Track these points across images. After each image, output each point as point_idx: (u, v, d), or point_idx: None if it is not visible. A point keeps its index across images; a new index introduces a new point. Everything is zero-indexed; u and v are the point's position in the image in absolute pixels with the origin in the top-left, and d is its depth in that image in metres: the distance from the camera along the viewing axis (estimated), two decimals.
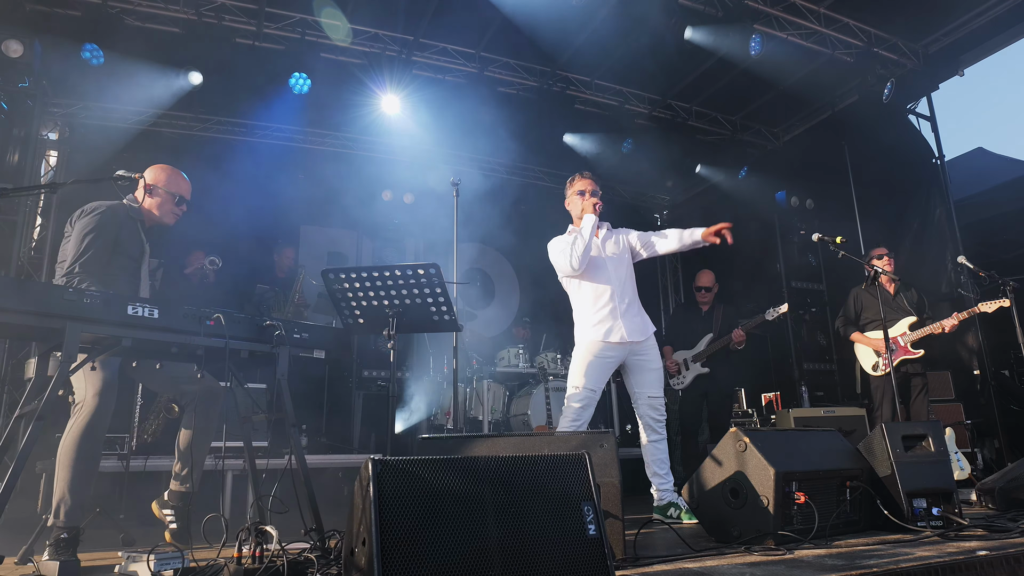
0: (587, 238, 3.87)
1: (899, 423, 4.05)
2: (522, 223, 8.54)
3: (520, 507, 1.94)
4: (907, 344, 5.20)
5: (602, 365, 3.86)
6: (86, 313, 2.47)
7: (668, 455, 3.98)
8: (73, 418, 2.92)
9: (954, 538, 2.80)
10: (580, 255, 3.85)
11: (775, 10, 6.29)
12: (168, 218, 3.38)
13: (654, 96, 7.84)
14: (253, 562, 2.22)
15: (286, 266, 7.07)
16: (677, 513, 3.83)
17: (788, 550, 2.64)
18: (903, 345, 5.21)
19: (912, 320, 5.25)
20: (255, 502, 3.05)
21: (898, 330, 5.27)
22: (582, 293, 3.97)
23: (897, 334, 5.24)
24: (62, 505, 2.84)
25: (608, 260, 3.99)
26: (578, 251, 3.85)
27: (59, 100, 7.07)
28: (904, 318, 5.29)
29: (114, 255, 3.16)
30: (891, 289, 5.42)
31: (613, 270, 3.98)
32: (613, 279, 3.95)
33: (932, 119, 7.13)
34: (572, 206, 4.13)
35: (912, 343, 5.19)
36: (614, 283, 3.94)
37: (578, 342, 3.95)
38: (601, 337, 3.85)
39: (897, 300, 5.39)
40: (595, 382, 3.83)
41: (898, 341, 5.23)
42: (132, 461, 4.90)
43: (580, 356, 3.89)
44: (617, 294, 3.92)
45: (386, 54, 6.64)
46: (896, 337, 5.23)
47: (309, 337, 3.10)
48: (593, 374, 3.82)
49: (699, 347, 5.77)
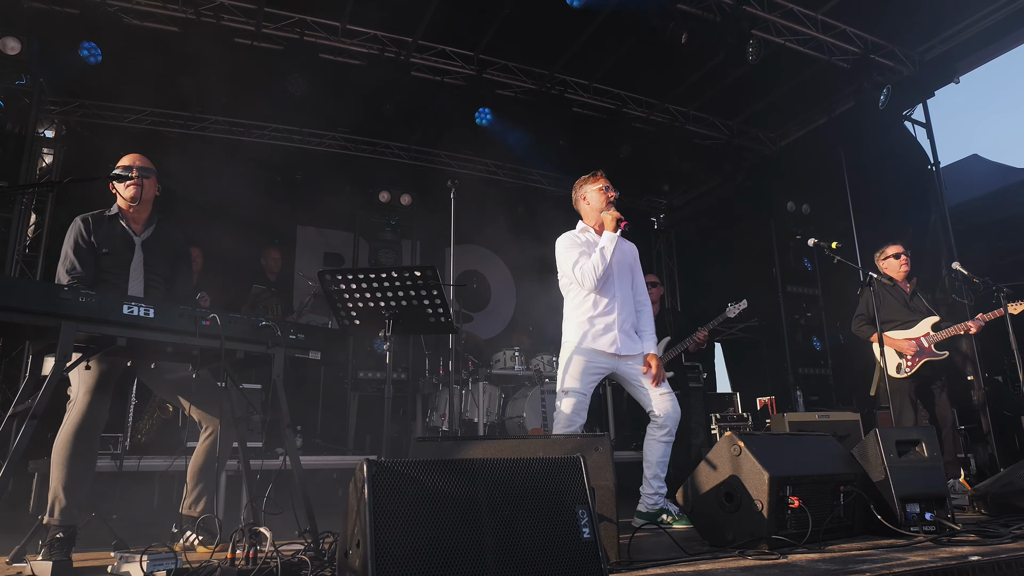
0: (608, 259, 3.73)
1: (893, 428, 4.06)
2: (519, 225, 8.55)
3: (515, 510, 1.94)
4: (931, 345, 5.01)
5: (592, 371, 3.78)
6: (81, 312, 2.46)
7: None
8: (66, 416, 2.91)
9: (947, 543, 2.81)
10: (599, 276, 3.72)
11: (773, 16, 6.32)
12: (127, 192, 3.27)
13: (652, 100, 7.86)
14: (247, 563, 2.22)
15: (275, 268, 7.04)
16: (669, 520, 3.75)
17: (782, 554, 2.65)
18: (927, 346, 5.01)
19: (934, 320, 5.06)
20: (249, 503, 3.05)
21: (921, 331, 5.07)
22: (583, 299, 3.85)
23: (920, 335, 5.06)
24: (56, 504, 2.83)
25: (614, 274, 3.88)
26: (598, 271, 3.71)
27: (56, 98, 7.06)
28: (926, 318, 5.10)
29: (98, 260, 3.16)
30: (907, 288, 5.25)
31: (618, 282, 3.89)
32: (616, 291, 3.86)
33: (928, 126, 7.16)
34: (590, 202, 3.97)
35: (936, 344, 5.01)
36: (617, 295, 3.85)
37: (568, 346, 3.83)
38: (595, 344, 3.75)
39: (915, 301, 5.20)
40: (585, 387, 3.75)
41: (922, 342, 5.03)
42: (125, 461, 4.89)
43: (572, 361, 3.78)
44: (618, 306, 3.83)
45: (385, 55, 6.64)
46: (920, 338, 5.04)
47: (305, 338, 3.10)
48: (584, 379, 3.74)
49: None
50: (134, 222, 3.34)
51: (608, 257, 3.73)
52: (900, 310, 5.18)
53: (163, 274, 3.39)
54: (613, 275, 3.87)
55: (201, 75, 6.32)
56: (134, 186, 3.27)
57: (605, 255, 3.73)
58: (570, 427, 3.69)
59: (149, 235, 3.37)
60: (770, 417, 6.72)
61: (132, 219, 3.33)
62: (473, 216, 7.42)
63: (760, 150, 8.66)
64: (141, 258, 3.30)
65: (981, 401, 6.03)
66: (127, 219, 3.32)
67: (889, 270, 5.31)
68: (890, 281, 5.24)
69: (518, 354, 7.12)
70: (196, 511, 3.23)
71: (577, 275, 3.78)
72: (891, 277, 5.27)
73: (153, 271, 3.33)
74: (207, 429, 3.30)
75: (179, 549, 2.94)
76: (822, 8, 6.43)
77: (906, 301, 5.21)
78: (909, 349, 5.05)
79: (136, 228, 3.34)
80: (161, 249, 3.39)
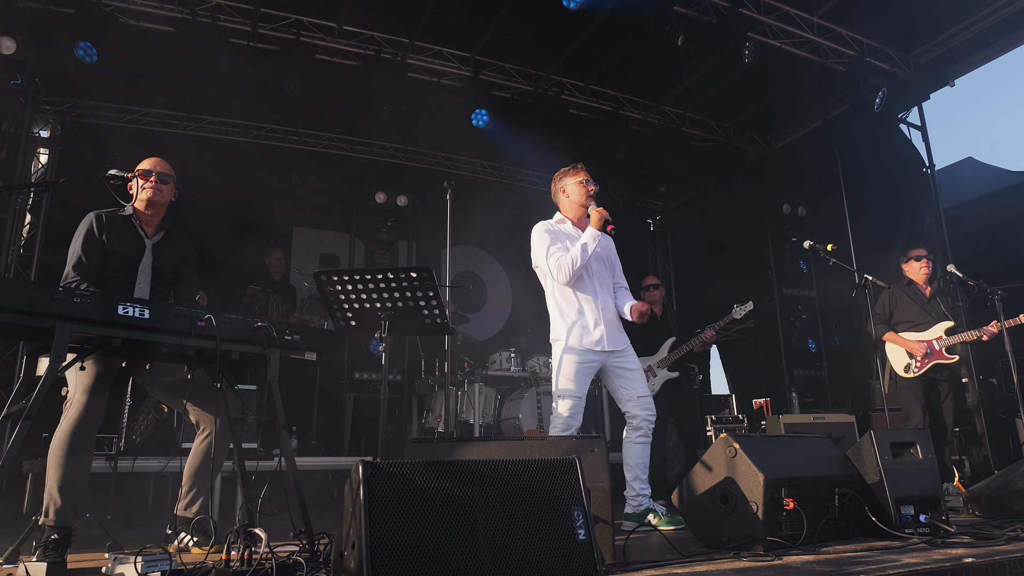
0: (588, 255, 3.71)
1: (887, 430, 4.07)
2: (515, 227, 8.55)
3: (510, 511, 1.94)
4: (942, 349, 5.07)
5: (586, 371, 3.77)
6: (76, 312, 2.45)
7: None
8: (63, 417, 2.90)
9: (941, 545, 2.82)
10: (574, 271, 3.70)
11: (769, 18, 6.34)
12: (143, 194, 3.28)
13: (648, 102, 7.88)
14: (241, 564, 2.21)
15: (279, 268, 7.03)
16: (655, 520, 3.72)
17: (777, 556, 2.65)
18: (938, 349, 5.07)
19: (949, 325, 5.12)
20: (244, 504, 3.04)
21: (934, 334, 5.13)
22: (564, 295, 3.84)
23: (933, 338, 5.12)
24: (51, 505, 2.82)
25: (596, 271, 3.88)
26: (576, 266, 3.69)
27: (51, 98, 7.04)
28: (941, 322, 5.15)
29: (107, 258, 3.16)
30: (927, 292, 5.31)
31: (600, 278, 3.89)
32: (598, 287, 3.85)
33: (923, 128, 7.20)
34: (570, 195, 3.93)
35: (947, 348, 5.06)
36: (599, 291, 3.84)
37: (559, 347, 3.81)
38: (584, 344, 3.74)
39: (933, 304, 5.26)
40: (582, 388, 3.74)
41: (933, 345, 5.10)
42: (120, 462, 4.88)
43: (565, 363, 3.76)
44: (603, 301, 3.83)
45: (381, 56, 6.64)
46: (932, 340, 5.11)
47: (300, 339, 3.09)
48: (580, 380, 3.73)
49: (662, 353, 5.75)
50: (147, 224, 3.35)
51: (589, 253, 3.71)
52: (916, 312, 5.24)
53: (170, 279, 3.41)
54: (594, 271, 3.87)
55: (197, 75, 6.31)
56: (150, 189, 3.29)
57: (586, 251, 3.70)
58: (568, 430, 3.67)
59: (160, 239, 3.38)
60: (765, 419, 6.74)
61: (146, 221, 3.35)
62: (469, 217, 7.41)
63: (756, 152, 8.68)
64: (150, 261, 3.31)
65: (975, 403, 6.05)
66: (141, 221, 3.33)
67: (910, 272, 5.39)
68: (909, 283, 5.31)
69: (514, 355, 7.12)
70: (191, 512, 3.22)
71: (552, 266, 3.74)
72: (911, 279, 5.35)
73: (161, 275, 3.34)
74: (204, 430, 3.29)
75: (174, 550, 2.93)
76: (818, 11, 6.46)
77: (924, 304, 5.27)
78: (919, 350, 5.12)
79: (148, 231, 3.35)
80: (170, 254, 3.40)
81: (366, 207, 8.70)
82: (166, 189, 3.35)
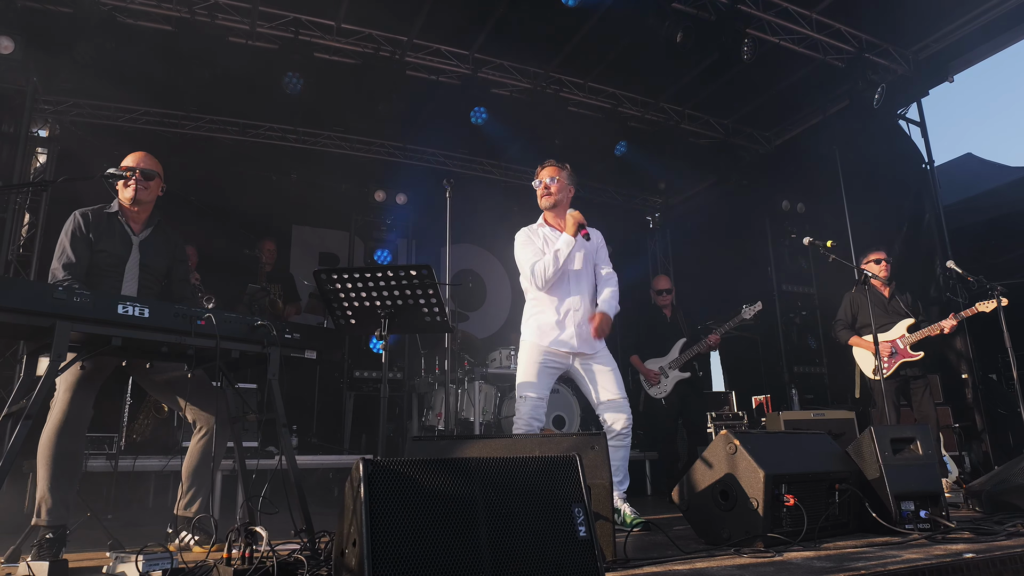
0: (560, 262, 3.72)
1: (888, 426, 4.07)
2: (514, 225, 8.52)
3: (511, 509, 1.94)
4: (906, 347, 5.17)
5: (548, 373, 3.77)
6: (76, 311, 2.45)
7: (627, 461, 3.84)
8: (48, 416, 2.90)
9: (941, 541, 2.83)
10: (548, 278, 3.73)
11: (768, 15, 6.33)
12: (127, 192, 3.24)
13: (647, 99, 7.87)
14: (243, 563, 2.21)
15: (270, 260, 6.98)
16: (620, 519, 3.64)
17: (777, 552, 2.66)
18: (903, 348, 5.17)
19: (910, 322, 5.22)
20: (245, 503, 3.04)
21: (896, 333, 5.24)
22: (539, 295, 3.86)
23: (896, 337, 5.22)
24: (43, 504, 2.81)
25: (573, 271, 3.87)
26: (548, 273, 3.73)
27: (50, 97, 7.03)
28: (901, 321, 5.26)
29: (94, 256, 3.14)
30: (886, 293, 5.40)
31: (575, 280, 3.87)
32: (573, 290, 3.84)
33: (922, 124, 7.18)
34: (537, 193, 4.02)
35: (911, 345, 5.16)
36: (574, 292, 3.83)
37: (524, 343, 3.83)
38: (549, 343, 3.74)
39: (893, 303, 5.36)
40: (543, 389, 3.74)
41: (897, 344, 5.19)
42: (121, 461, 4.88)
43: (527, 360, 3.77)
44: (576, 303, 3.81)
45: (380, 54, 6.63)
46: (895, 340, 5.20)
47: (300, 337, 3.09)
48: (542, 380, 3.74)
49: (673, 354, 5.76)
50: (134, 221, 3.31)
51: (561, 260, 3.72)
52: (878, 314, 5.25)
53: (158, 275, 3.36)
54: (571, 274, 3.86)
55: (195, 74, 6.29)
56: (132, 187, 3.24)
57: (559, 258, 3.73)
58: (530, 428, 3.67)
59: (147, 235, 3.34)
60: (765, 415, 6.75)
61: (132, 218, 3.31)
62: (469, 215, 7.41)
63: (755, 149, 8.68)
64: (137, 258, 3.27)
65: (975, 399, 6.06)
66: (127, 217, 3.30)
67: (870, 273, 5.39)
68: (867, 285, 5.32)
69: (514, 353, 7.11)
70: (190, 512, 3.22)
71: (528, 273, 3.80)
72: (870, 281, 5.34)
73: (149, 272, 3.30)
74: (201, 429, 3.28)
75: (175, 549, 2.93)
76: (817, 7, 6.44)
77: (884, 304, 5.34)
78: (884, 351, 5.18)
79: (135, 227, 3.31)
80: (158, 250, 3.35)
81: (365, 205, 8.70)
82: (151, 185, 3.30)
